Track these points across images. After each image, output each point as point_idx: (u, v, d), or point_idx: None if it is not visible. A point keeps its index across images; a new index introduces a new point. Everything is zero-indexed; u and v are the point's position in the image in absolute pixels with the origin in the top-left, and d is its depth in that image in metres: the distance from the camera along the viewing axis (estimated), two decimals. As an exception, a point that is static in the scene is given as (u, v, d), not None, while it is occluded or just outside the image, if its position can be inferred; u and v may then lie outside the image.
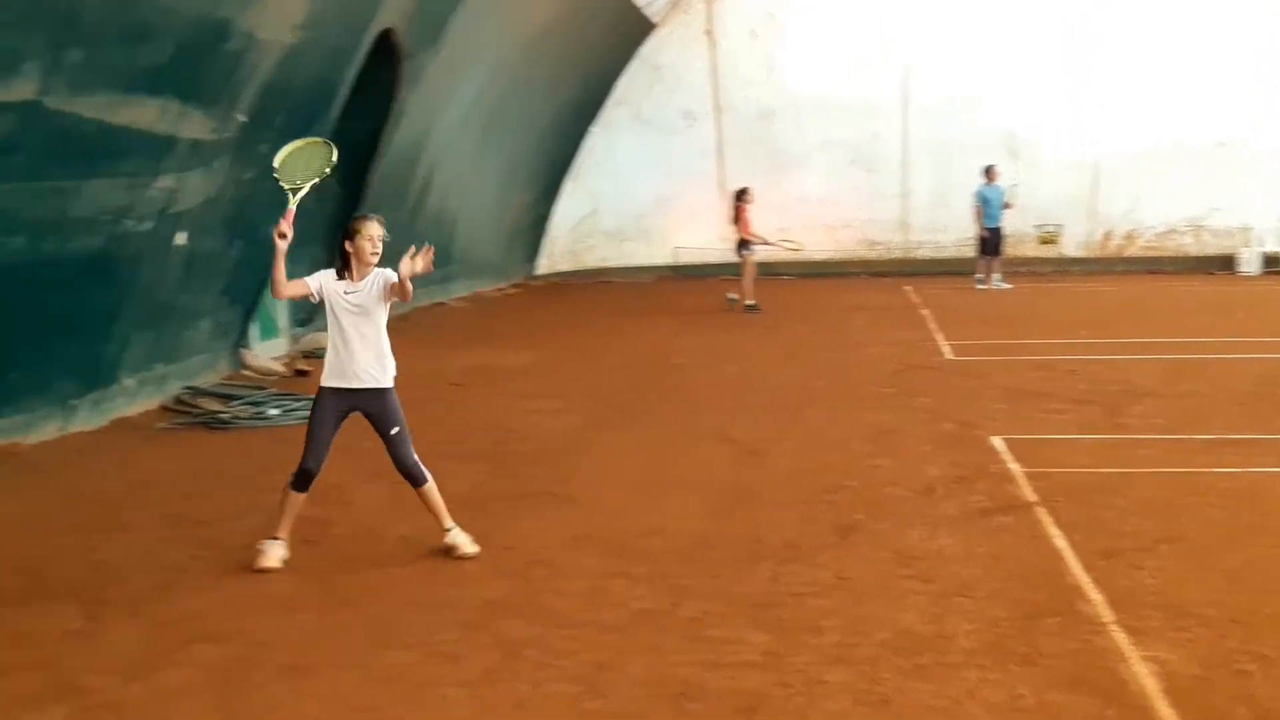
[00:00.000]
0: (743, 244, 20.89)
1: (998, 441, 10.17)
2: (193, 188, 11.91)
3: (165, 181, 11.32)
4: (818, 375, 13.99)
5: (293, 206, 7.32)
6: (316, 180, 7.53)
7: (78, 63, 9.41)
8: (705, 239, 27.47)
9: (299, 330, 16.50)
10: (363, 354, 7.37)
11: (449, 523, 7.47)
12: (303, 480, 7.33)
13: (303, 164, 7.55)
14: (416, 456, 7.53)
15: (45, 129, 9.43)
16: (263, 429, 11.50)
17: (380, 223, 7.45)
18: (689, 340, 17.49)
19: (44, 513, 8.62)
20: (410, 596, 6.71)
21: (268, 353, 15.19)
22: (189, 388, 12.90)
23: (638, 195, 28.09)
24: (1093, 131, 26.94)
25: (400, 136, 17.66)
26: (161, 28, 10.30)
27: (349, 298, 7.31)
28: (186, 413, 12.12)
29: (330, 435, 7.45)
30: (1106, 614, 6.18)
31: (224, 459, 10.30)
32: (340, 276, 7.35)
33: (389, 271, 7.33)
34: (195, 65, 11.08)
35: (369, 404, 7.47)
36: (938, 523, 7.91)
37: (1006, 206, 24.19)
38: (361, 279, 7.33)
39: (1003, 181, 24.39)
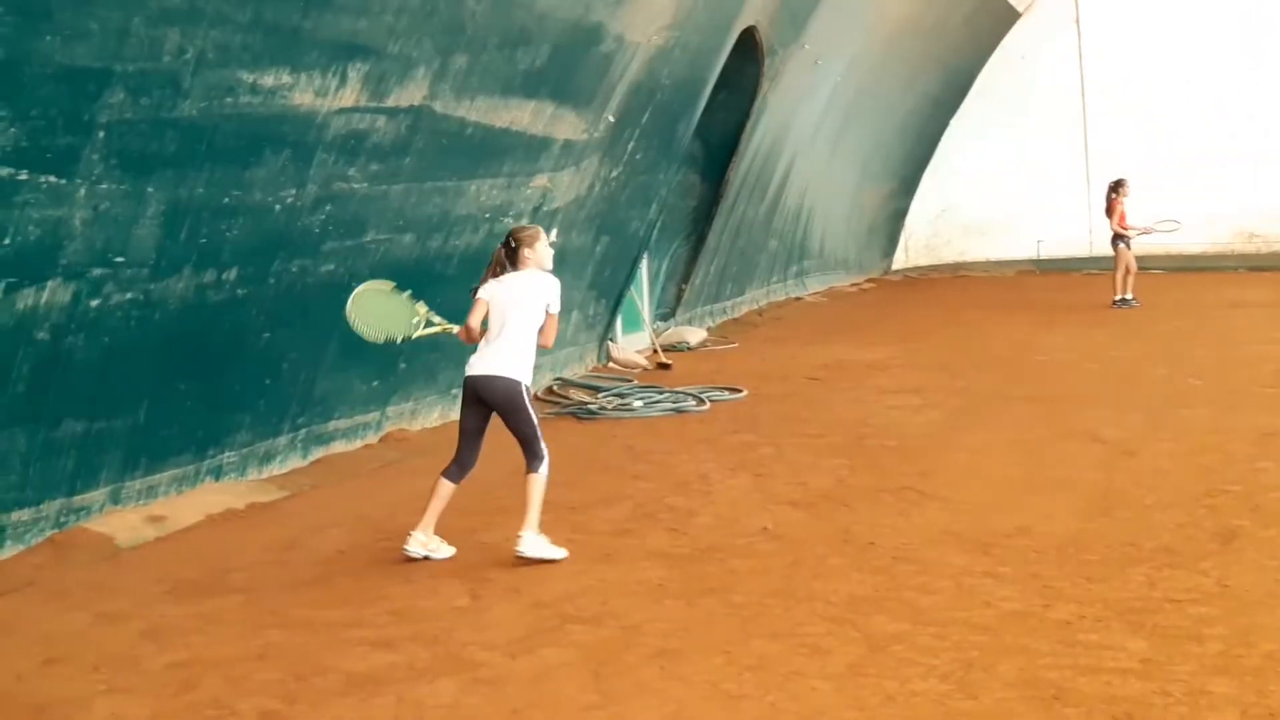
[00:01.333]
0: (1117, 237, 20.15)
1: (1399, 447, 9.51)
2: (564, 186, 12.37)
3: (540, 180, 11.80)
4: (1193, 374, 13.35)
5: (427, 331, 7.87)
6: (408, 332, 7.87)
7: (462, 68, 9.92)
8: (1070, 232, 26.63)
9: (661, 324, 16.90)
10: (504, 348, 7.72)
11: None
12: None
13: (381, 313, 7.82)
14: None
15: (433, 132, 9.99)
16: (627, 420, 11.83)
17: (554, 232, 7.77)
18: (1053, 336, 16.99)
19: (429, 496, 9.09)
20: (774, 588, 6.79)
21: (632, 345, 15.62)
22: (559, 378, 13.41)
23: (999, 188, 27.47)
24: None
25: (760, 132, 17.84)
26: (538, 33, 10.74)
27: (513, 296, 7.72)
28: (557, 403, 12.61)
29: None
30: None
31: (593, 448, 10.63)
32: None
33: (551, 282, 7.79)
34: (569, 68, 11.51)
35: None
36: (1329, 532, 7.46)
37: None
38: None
39: None
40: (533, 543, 7.38)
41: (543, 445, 7.54)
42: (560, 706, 5.36)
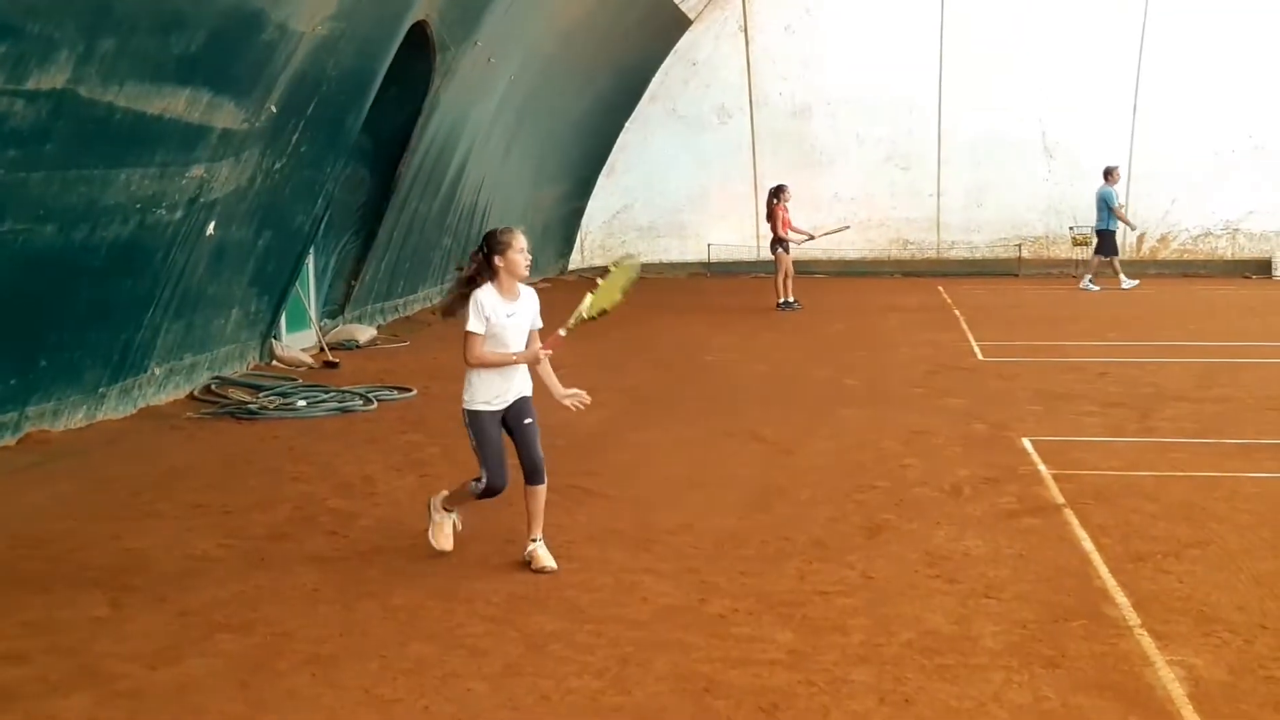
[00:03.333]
0: (776, 242, 20.84)
1: (1028, 443, 10.12)
2: (223, 177, 11.94)
3: (196, 171, 11.35)
4: (850, 374, 13.94)
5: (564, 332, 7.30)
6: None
7: (110, 51, 9.44)
8: (739, 236, 27.43)
9: (329, 322, 16.54)
10: (520, 370, 7.28)
11: (538, 533, 7.22)
12: (491, 495, 7.28)
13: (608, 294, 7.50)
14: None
15: (77, 117, 9.47)
16: (290, 420, 11.51)
17: (525, 232, 7.32)
18: (721, 337, 17.45)
19: (71, 500, 8.65)
20: (435, 589, 6.71)
21: (297, 344, 15.23)
22: (217, 378, 12.95)
23: (671, 191, 28.05)
24: (1129, 134, 26.76)
25: (433, 129, 17.66)
26: (194, 17, 10.31)
27: (511, 319, 7.14)
28: (215, 402, 12.17)
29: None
30: (1133, 618, 6.13)
31: (251, 449, 10.31)
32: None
33: (534, 296, 7.37)
34: (228, 55, 11.10)
35: (519, 410, 7.31)
36: (966, 523, 7.86)
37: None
38: (514, 295, 7.21)
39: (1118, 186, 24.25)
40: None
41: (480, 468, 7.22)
42: (204, 717, 5.15)
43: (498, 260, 7.14)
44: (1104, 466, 9.35)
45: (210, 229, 12.10)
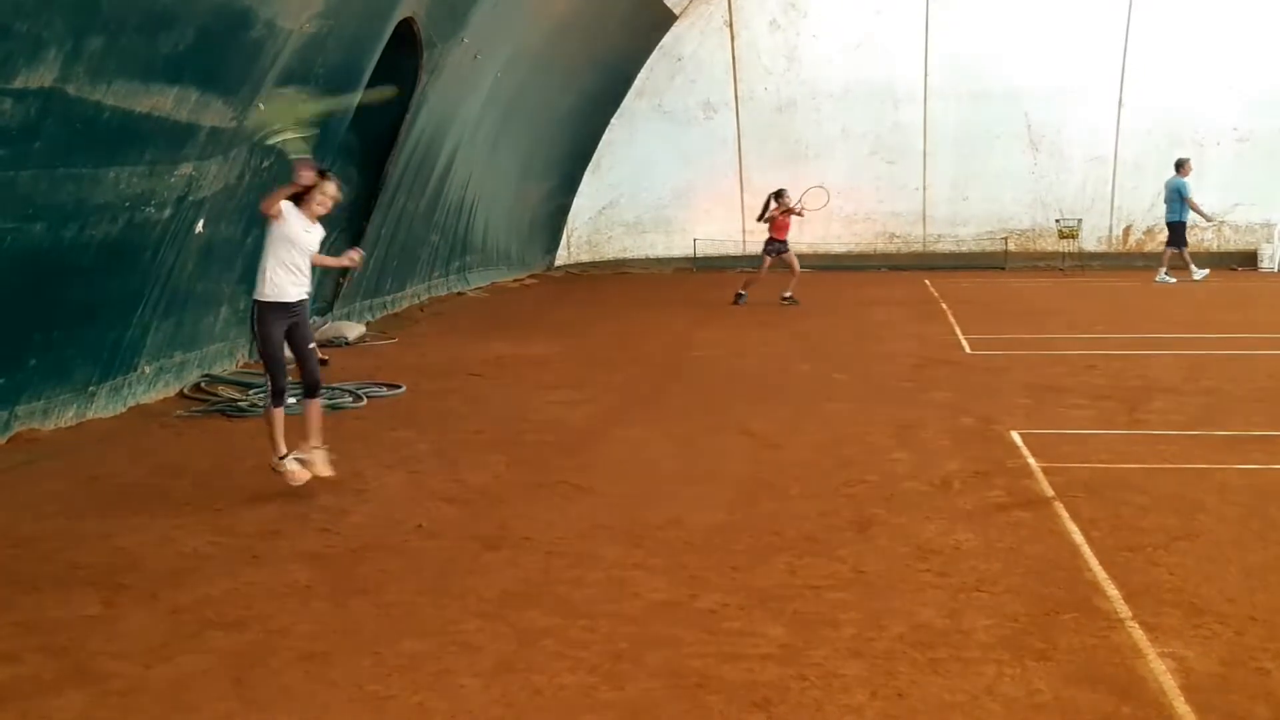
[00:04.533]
0: (775, 243, 20.76)
1: (1016, 436, 10.14)
2: (211, 175, 11.92)
3: (184, 169, 11.33)
4: (837, 369, 13.96)
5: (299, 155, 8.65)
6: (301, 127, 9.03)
7: (98, 50, 9.42)
8: (724, 230, 27.46)
9: (318, 319, 16.52)
10: (301, 277, 8.65)
11: (316, 441, 8.68)
12: (280, 396, 8.65)
13: (282, 113, 8.77)
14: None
15: (65, 116, 9.45)
16: (281, 417, 11.49)
17: (338, 186, 8.73)
18: (708, 332, 17.48)
19: (62, 499, 8.64)
20: (427, 586, 6.71)
21: (286, 341, 15.20)
22: (207, 375, 12.94)
23: (657, 186, 28.11)
24: (1114, 126, 26.84)
25: (420, 126, 17.66)
26: (182, 15, 10.30)
27: (307, 236, 8.59)
28: (204, 400, 12.15)
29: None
30: (1124, 610, 6.15)
31: (241, 446, 10.30)
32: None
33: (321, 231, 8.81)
34: (216, 53, 11.09)
35: (298, 317, 8.69)
36: (955, 517, 7.88)
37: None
38: (314, 223, 8.66)
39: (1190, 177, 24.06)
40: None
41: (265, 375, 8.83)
42: (197, 715, 5.15)
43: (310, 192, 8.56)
44: (1093, 459, 9.38)
45: (199, 227, 12.08)
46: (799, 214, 20.86)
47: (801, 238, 22.16)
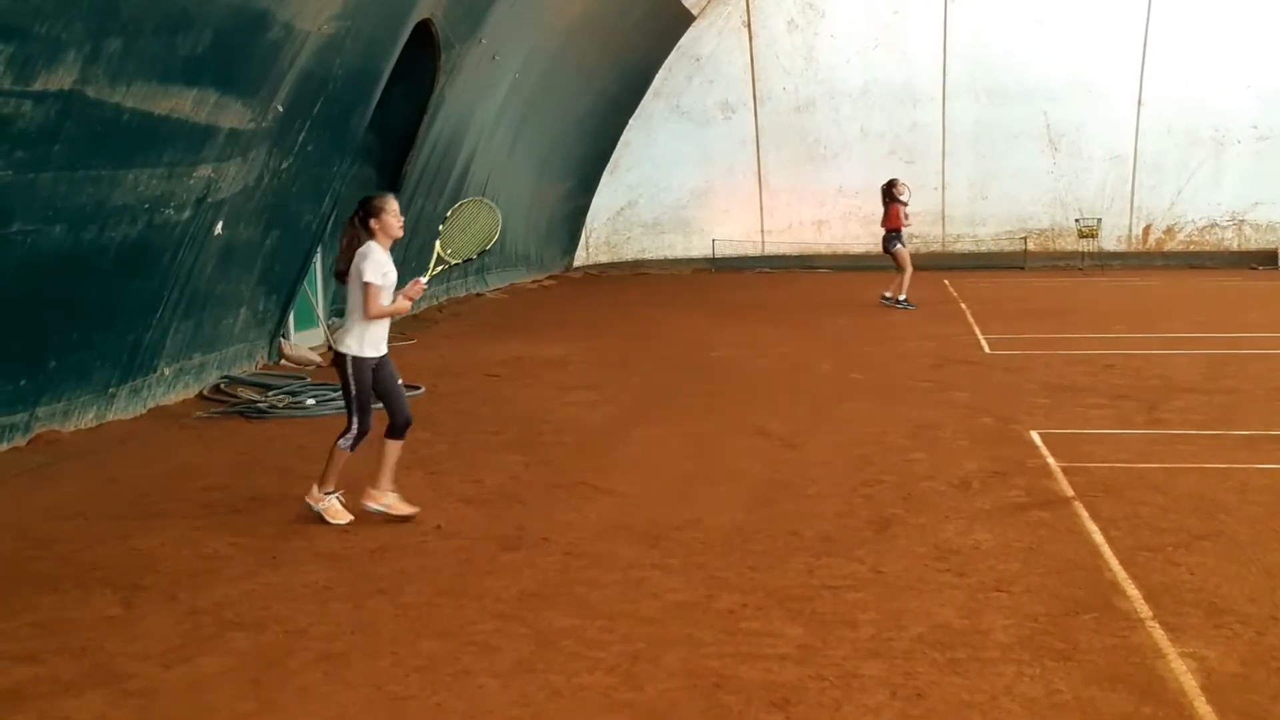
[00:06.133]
0: (893, 236, 20.24)
1: (1035, 436, 10.11)
2: (230, 177, 11.96)
3: (203, 170, 11.37)
4: (855, 369, 13.94)
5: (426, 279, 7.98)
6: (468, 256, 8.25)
7: (117, 52, 9.45)
8: (743, 231, 27.44)
9: (336, 320, 16.54)
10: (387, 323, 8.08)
11: (389, 484, 8.00)
12: (363, 439, 8.06)
13: (461, 232, 8.12)
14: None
15: (85, 118, 9.48)
16: (299, 419, 11.52)
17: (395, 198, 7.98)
18: (726, 333, 17.46)
19: (82, 500, 8.67)
20: (445, 587, 6.71)
21: (305, 342, 15.24)
22: (226, 377, 12.97)
23: (676, 187, 28.10)
24: (1134, 125, 26.74)
25: (438, 127, 17.68)
26: (200, 17, 10.33)
27: (389, 276, 7.85)
28: (224, 401, 12.18)
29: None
30: (1144, 610, 6.13)
31: (260, 448, 10.33)
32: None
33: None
34: (234, 54, 11.12)
35: (385, 363, 8.06)
36: (975, 517, 7.86)
37: None
38: (390, 254, 7.87)
39: None
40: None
41: (351, 418, 8.02)
42: (216, 716, 5.15)
43: (374, 223, 7.79)
44: (1113, 459, 9.35)
45: (218, 228, 12.11)
46: (904, 204, 20.34)
47: (820, 238, 22.11)
